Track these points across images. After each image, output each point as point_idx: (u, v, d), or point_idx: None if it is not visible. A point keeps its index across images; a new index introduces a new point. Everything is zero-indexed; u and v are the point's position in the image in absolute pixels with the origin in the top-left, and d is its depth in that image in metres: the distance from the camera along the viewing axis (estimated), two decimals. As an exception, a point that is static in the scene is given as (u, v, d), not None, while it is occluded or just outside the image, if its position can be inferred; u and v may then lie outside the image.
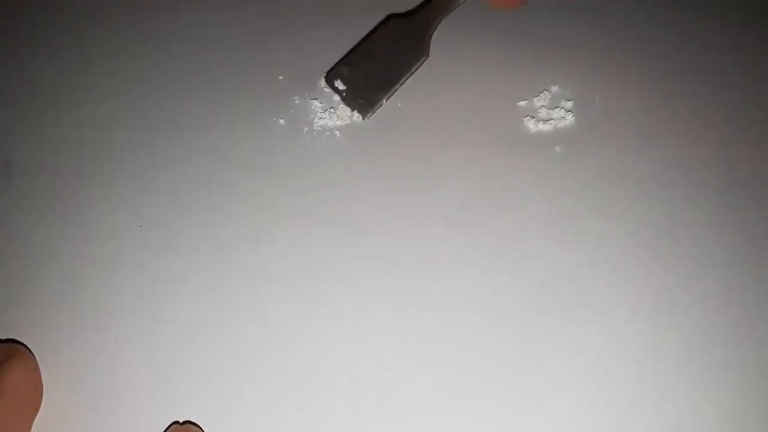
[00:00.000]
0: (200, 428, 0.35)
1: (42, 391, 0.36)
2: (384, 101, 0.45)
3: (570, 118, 0.46)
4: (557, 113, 0.46)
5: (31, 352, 0.37)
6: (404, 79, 0.45)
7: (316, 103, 0.47)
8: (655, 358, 0.37)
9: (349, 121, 0.46)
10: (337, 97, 0.47)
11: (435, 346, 0.38)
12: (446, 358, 0.37)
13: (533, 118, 0.46)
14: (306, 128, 0.46)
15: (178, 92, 0.48)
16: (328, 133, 0.46)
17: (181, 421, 0.35)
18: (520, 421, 0.35)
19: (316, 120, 0.46)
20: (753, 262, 0.41)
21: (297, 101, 0.47)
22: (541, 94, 0.47)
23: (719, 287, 0.40)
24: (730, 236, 0.42)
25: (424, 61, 0.45)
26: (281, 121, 0.46)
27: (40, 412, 0.36)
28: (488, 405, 0.36)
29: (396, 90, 0.45)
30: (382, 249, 0.41)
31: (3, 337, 0.38)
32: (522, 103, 0.47)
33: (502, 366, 0.37)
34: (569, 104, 0.46)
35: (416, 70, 0.45)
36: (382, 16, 0.50)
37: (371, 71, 0.45)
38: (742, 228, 0.42)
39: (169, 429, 0.35)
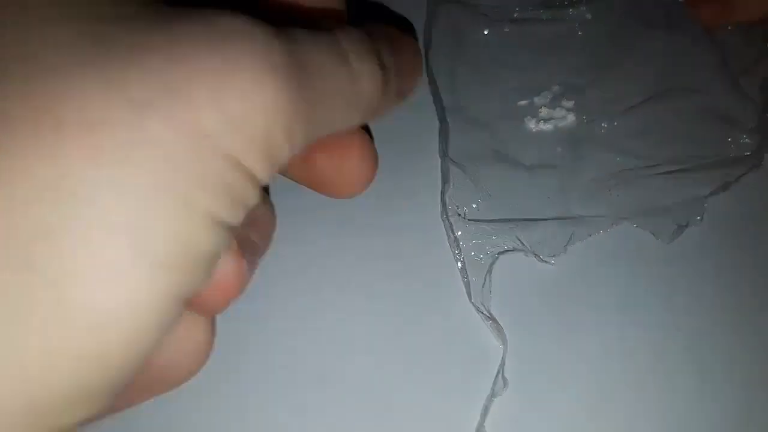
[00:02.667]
0: None
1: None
2: None
3: (571, 118, 0.46)
4: (558, 113, 0.46)
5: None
6: None
7: (316, 103, 0.46)
8: (655, 357, 0.38)
9: None
10: None
11: (435, 346, 0.38)
12: (446, 358, 0.37)
13: (534, 117, 0.46)
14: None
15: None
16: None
17: None
18: (520, 420, 0.36)
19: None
20: (758, 262, 0.41)
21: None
22: (542, 94, 0.47)
23: (728, 289, 0.40)
24: (730, 236, 0.42)
25: None
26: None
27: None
28: (503, 414, 0.36)
29: None
30: (383, 249, 0.41)
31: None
32: (522, 103, 0.47)
33: (514, 374, 0.36)
34: (571, 103, 0.46)
35: None
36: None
37: None
38: (742, 228, 0.42)
39: None
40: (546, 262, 0.39)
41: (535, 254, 0.39)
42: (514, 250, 0.39)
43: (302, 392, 0.36)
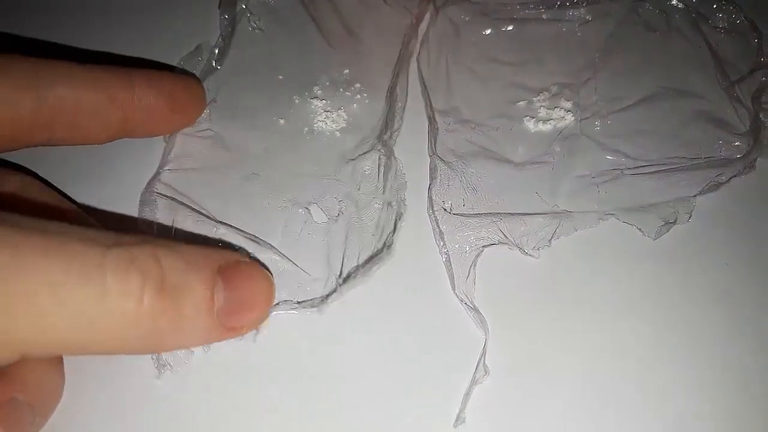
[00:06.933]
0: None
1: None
2: None
3: (570, 118, 0.46)
4: (557, 113, 0.46)
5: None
6: None
7: (316, 102, 0.47)
8: (635, 350, 0.38)
9: (345, 124, 0.47)
10: (337, 100, 0.47)
11: (418, 335, 0.38)
12: (429, 347, 0.38)
13: (533, 118, 0.46)
14: (306, 128, 0.46)
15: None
16: (328, 134, 0.46)
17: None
18: (501, 408, 0.36)
19: (316, 120, 0.46)
20: (753, 262, 0.41)
21: (297, 101, 0.47)
22: (541, 94, 0.47)
23: (719, 287, 0.40)
24: (730, 236, 0.42)
25: None
26: (281, 122, 0.46)
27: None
28: (485, 404, 0.36)
29: None
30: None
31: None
32: (522, 103, 0.47)
33: (497, 365, 0.37)
34: (569, 104, 0.47)
35: None
36: (382, 15, 0.51)
37: None
38: (742, 228, 0.42)
39: None
40: (530, 255, 0.40)
41: (519, 247, 0.40)
42: (498, 243, 0.40)
43: (286, 379, 0.37)
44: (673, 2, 0.51)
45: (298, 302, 0.38)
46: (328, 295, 0.38)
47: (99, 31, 0.52)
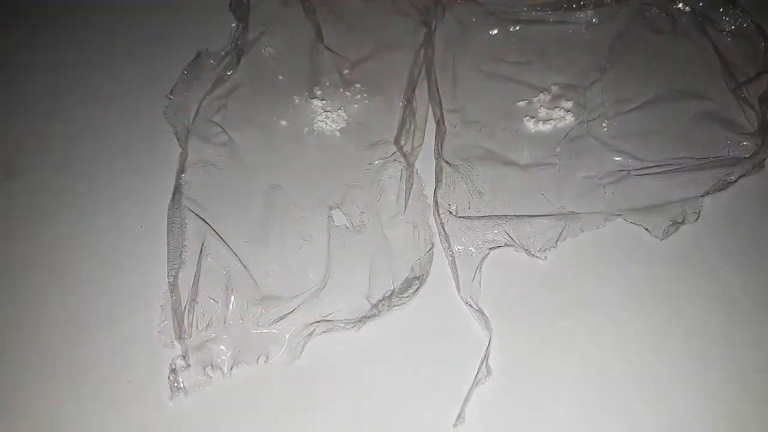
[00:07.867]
0: None
1: None
2: None
3: (570, 118, 0.46)
4: (557, 113, 0.46)
5: None
6: None
7: (316, 102, 0.46)
8: (653, 358, 0.37)
9: (345, 124, 0.46)
10: (337, 100, 0.47)
11: (423, 336, 0.38)
12: (433, 348, 0.38)
13: (533, 118, 0.46)
14: (306, 128, 0.46)
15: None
16: (328, 134, 0.45)
17: None
18: (503, 408, 0.36)
19: (316, 120, 0.46)
20: (753, 262, 0.41)
21: (297, 101, 0.47)
22: (541, 95, 0.47)
23: (719, 287, 0.40)
24: (729, 236, 0.42)
25: None
26: (282, 122, 0.46)
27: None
28: (487, 404, 0.36)
29: None
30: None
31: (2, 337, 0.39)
32: (522, 103, 0.47)
33: (501, 366, 0.37)
34: (569, 104, 0.46)
35: None
36: (384, 16, 0.50)
37: None
38: (741, 228, 0.42)
39: None
40: (537, 257, 0.40)
41: (526, 249, 0.39)
42: (505, 245, 0.40)
43: (292, 378, 0.37)
44: (680, 6, 0.50)
45: (338, 320, 0.38)
46: (369, 317, 0.38)
47: (98, 34, 0.52)
